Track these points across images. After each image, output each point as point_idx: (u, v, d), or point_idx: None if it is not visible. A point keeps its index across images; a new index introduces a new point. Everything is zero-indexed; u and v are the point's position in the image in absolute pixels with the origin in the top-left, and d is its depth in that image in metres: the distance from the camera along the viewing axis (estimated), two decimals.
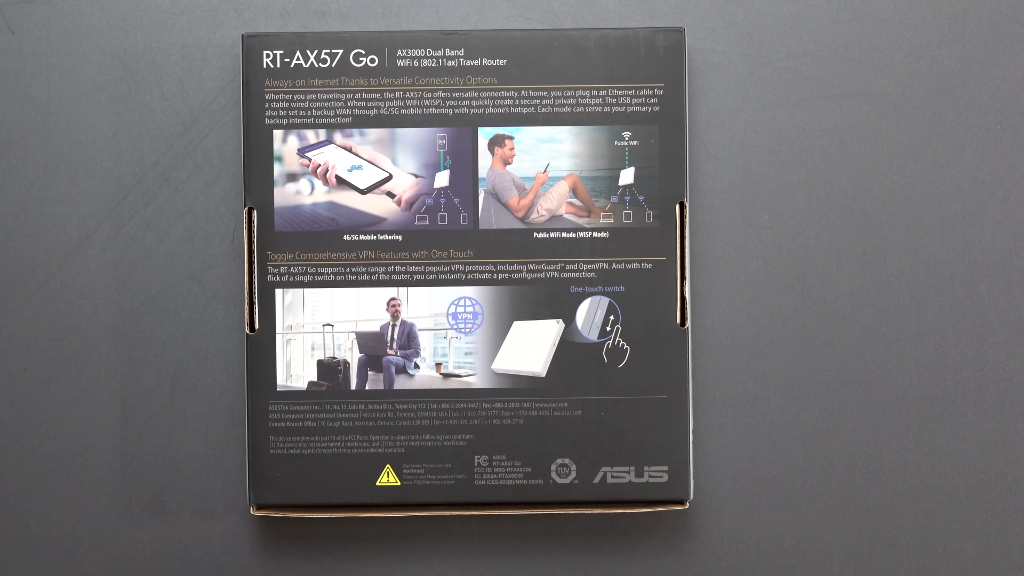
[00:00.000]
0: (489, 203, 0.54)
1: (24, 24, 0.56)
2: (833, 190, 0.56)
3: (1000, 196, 0.56)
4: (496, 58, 0.53)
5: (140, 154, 0.56)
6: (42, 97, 0.56)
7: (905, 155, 0.56)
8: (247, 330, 0.53)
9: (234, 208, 0.56)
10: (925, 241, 0.56)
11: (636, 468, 0.54)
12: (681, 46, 0.54)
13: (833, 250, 0.56)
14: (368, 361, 0.54)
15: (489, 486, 0.53)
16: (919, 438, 0.56)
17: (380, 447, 0.53)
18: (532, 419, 0.54)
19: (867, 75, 0.56)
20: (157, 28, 0.56)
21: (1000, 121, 0.56)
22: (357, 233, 0.53)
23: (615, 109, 0.54)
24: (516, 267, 0.54)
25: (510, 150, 0.54)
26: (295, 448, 0.53)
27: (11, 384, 0.56)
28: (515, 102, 0.53)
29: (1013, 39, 0.56)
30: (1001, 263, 0.56)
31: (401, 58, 0.53)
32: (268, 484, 0.53)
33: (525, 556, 0.56)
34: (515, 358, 0.54)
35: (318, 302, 0.53)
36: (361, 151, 0.54)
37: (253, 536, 0.57)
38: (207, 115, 0.56)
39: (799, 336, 0.56)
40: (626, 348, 0.54)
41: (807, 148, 0.56)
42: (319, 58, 0.53)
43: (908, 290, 0.56)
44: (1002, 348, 0.56)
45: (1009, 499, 0.56)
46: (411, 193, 0.54)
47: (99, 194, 0.56)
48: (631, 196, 0.54)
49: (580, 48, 0.53)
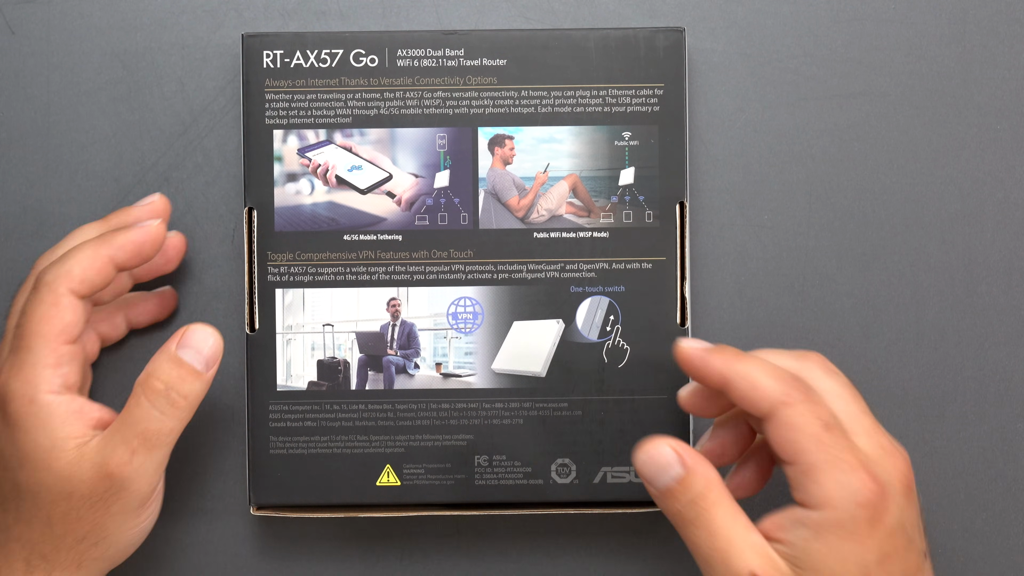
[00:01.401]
0: (489, 203, 0.54)
1: (24, 24, 0.56)
2: (833, 190, 0.56)
3: (1000, 196, 0.56)
4: (496, 58, 0.53)
5: (140, 154, 0.56)
6: (42, 97, 0.56)
7: (905, 155, 0.56)
8: (247, 330, 0.53)
9: (234, 208, 0.56)
10: (925, 241, 0.56)
11: None
12: (681, 46, 0.54)
13: (833, 250, 0.56)
14: (368, 361, 0.54)
15: (489, 486, 0.53)
16: (919, 438, 0.56)
17: (380, 447, 0.53)
18: (532, 419, 0.54)
19: (867, 75, 0.56)
20: (157, 28, 0.56)
21: (1000, 121, 0.56)
22: (357, 233, 0.53)
23: (615, 109, 0.54)
24: (516, 267, 0.54)
25: (510, 150, 0.54)
26: (295, 448, 0.53)
27: None
28: (515, 102, 0.53)
29: (1013, 39, 0.56)
30: (1001, 263, 0.56)
31: (401, 58, 0.53)
32: (268, 484, 0.53)
33: (525, 556, 0.56)
34: (515, 358, 0.54)
35: (318, 302, 0.53)
36: (361, 151, 0.54)
37: (253, 536, 0.57)
38: (207, 115, 0.56)
39: (799, 336, 0.56)
40: (626, 348, 0.54)
41: (807, 148, 0.56)
42: (319, 58, 0.53)
43: (908, 290, 0.56)
44: (1002, 348, 0.56)
45: (1009, 499, 0.56)
46: (411, 193, 0.54)
47: (99, 194, 0.56)
48: (631, 196, 0.54)
49: (580, 48, 0.53)
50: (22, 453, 0.48)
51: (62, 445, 0.48)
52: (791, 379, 0.47)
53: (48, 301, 0.48)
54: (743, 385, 0.47)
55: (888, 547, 0.45)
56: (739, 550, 0.46)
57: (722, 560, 0.46)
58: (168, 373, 0.49)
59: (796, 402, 0.46)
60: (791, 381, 0.47)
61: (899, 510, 0.46)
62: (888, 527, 0.45)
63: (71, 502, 0.48)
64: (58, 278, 0.48)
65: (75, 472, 0.48)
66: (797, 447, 0.46)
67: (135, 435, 0.48)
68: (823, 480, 0.45)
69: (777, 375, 0.47)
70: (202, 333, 0.49)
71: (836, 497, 0.45)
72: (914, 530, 0.47)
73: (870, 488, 0.45)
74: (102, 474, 0.48)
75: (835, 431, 0.46)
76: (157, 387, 0.48)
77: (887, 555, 0.45)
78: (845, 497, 0.45)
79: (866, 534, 0.45)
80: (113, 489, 0.48)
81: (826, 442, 0.45)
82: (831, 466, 0.45)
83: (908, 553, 0.46)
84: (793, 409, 0.46)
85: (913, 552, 0.46)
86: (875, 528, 0.45)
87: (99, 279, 0.49)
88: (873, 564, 0.45)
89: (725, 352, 0.48)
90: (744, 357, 0.48)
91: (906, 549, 0.46)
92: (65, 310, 0.48)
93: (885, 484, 0.45)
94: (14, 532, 0.48)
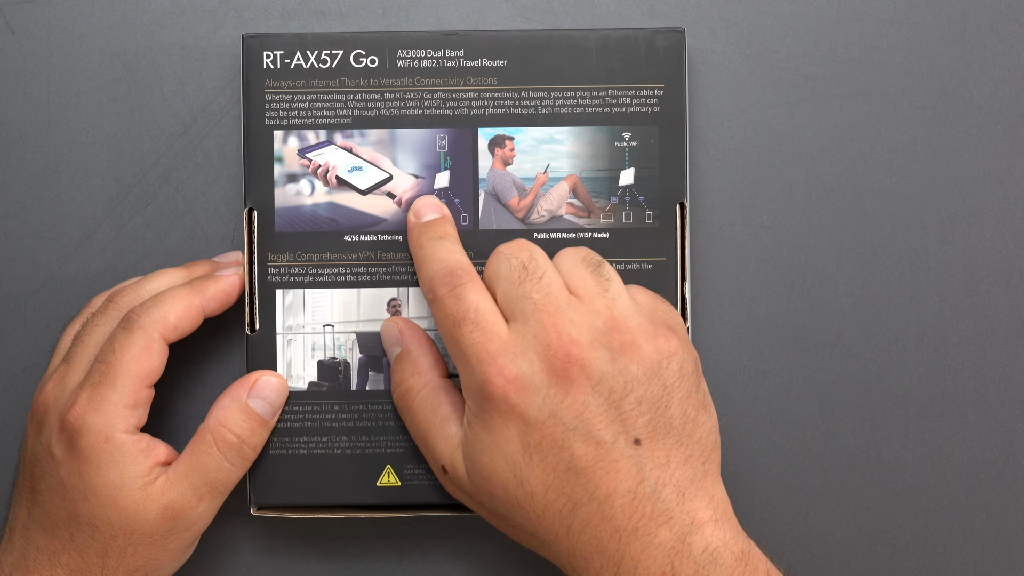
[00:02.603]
0: (489, 204, 0.54)
1: (24, 24, 0.56)
2: (833, 190, 0.56)
3: (1000, 196, 0.56)
4: (496, 58, 0.53)
5: (140, 154, 0.56)
6: (42, 97, 0.56)
7: (905, 155, 0.56)
8: (247, 330, 0.53)
9: (234, 208, 0.56)
10: (925, 241, 0.56)
11: None
12: (681, 46, 0.54)
13: (833, 250, 0.56)
14: (368, 361, 0.54)
15: None
16: (919, 438, 0.56)
17: (381, 447, 0.53)
18: None
19: (867, 75, 0.56)
20: (157, 28, 0.56)
21: (1000, 121, 0.56)
22: (357, 234, 0.53)
23: (615, 109, 0.54)
24: None
25: (510, 151, 0.54)
26: (296, 448, 0.53)
27: (11, 384, 0.56)
28: (515, 103, 0.53)
29: (1013, 39, 0.56)
30: (1001, 263, 0.56)
31: (401, 59, 0.53)
32: (268, 484, 0.53)
33: (525, 556, 0.56)
34: None
35: (319, 303, 0.53)
36: (361, 152, 0.54)
37: (253, 536, 0.57)
38: (207, 115, 0.56)
39: (799, 336, 0.56)
40: None
41: (807, 148, 0.56)
42: (319, 58, 0.53)
43: (908, 290, 0.56)
44: (1002, 348, 0.56)
45: (1009, 499, 0.56)
46: (411, 194, 0.54)
47: (99, 194, 0.56)
48: (631, 196, 0.54)
49: (580, 48, 0.53)
50: (89, 487, 0.48)
51: (131, 484, 0.49)
52: (445, 271, 0.48)
53: (141, 344, 0.49)
54: (419, 270, 0.49)
55: (533, 438, 0.45)
56: (434, 442, 0.49)
57: (425, 451, 0.50)
58: (240, 426, 0.51)
59: (436, 299, 0.48)
60: (443, 274, 0.48)
61: (543, 400, 0.45)
62: (527, 418, 0.45)
63: (131, 538, 0.49)
64: (154, 323, 0.50)
65: (140, 511, 0.49)
66: (445, 344, 0.48)
67: (204, 483, 0.50)
68: (461, 375, 0.47)
69: (435, 267, 0.48)
70: (273, 383, 0.52)
71: (469, 391, 0.46)
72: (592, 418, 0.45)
73: (494, 383, 0.45)
74: (167, 515, 0.49)
75: (467, 326, 0.46)
76: (230, 440, 0.50)
77: (533, 447, 0.45)
78: (474, 391, 0.46)
79: (502, 425, 0.45)
80: (176, 530, 0.49)
81: (456, 338, 0.46)
82: (462, 362, 0.46)
83: (570, 442, 0.45)
84: (434, 306, 0.48)
85: (580, 441, 0.45)
86: (509, 419, 0.45)
87: (189, 327, 0.51)
88: (519, 455, 0.45)
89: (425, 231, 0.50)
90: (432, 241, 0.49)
91: (564, 439, 0.45)
92: (155, 355, 0.50)
93: (516, 376, 0.45)
94: (62, 559, 0.49)
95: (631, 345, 0.46)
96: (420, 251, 0.49)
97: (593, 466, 0.45)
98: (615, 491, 0.45)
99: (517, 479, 0.45)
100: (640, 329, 0.47)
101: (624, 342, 0.46)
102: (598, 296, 0.47)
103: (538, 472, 0.45)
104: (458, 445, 0.48)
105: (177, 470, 0.50)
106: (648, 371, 0.46)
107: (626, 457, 0.45)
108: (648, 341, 0.46)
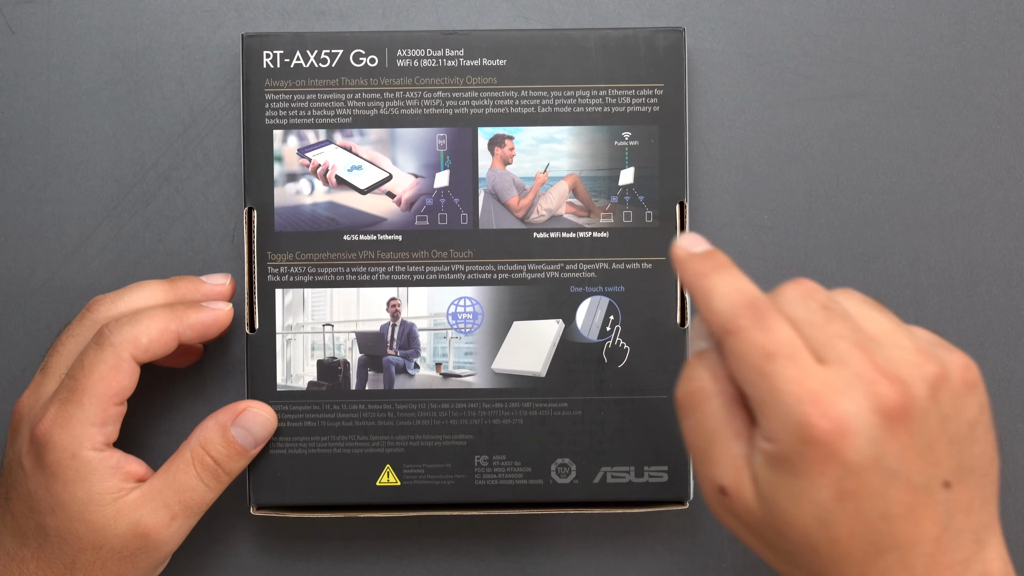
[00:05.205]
0: (489, 203, 0.54)
1: (24, 24, 0.56)
2: (833, 190, 0.56)
3: (1000, 196, 0.56)
4: (496, 58, 0.53)
5: (140, 154, 0.56)
6: (42, 97, 0.56)
7: (905, 155, 0.56)
8: (247, 330, 0.53)
9: (234, 208, 0.56)
10: (925, 241, 0.56)
11: (636, 468, 0.54)
12: (681, 46, 0.54)
13: (833, 250, 0.56)
14: (368, 361, 0.54)
15: (489, 486, 0.53)
16: None
17: (380, 447, 0.53)
18: (532, 419, 0.54)
19: (867, 75, 0.56)
20: (157, 28, 0.56)
21: (1000, 121, 0.56)
22: (357, 233, 0.53)
23: (615, 109, 0.54)
24: (516, 267, 0.54)
25: (510, 150, 0.54)
26: (295, 448, 0.53)
27: (11, 384, 0.56)
28: (515, 102, 0.53)
29: (1013, 39, 0.56)
30: (1001, 263, 0.56)
31: (401, 58, 0.53)
32: (268, 484, 0.53)
33: (525, 556, 0.56)
34: (515, 358, 0.54)
35: (318, 302, 0.53)
36: (361, 151, 0.54)
37: (253, 536, 0.57)
38: (207, 115, 0.56)
39: None
40: (626, 348, 0.54)
41: (807, 148, 0.56)
42: (319, 58, 0.53)
43: (908, 290, 0.56)
44: (1002, 348, 0.56)
45: (1009, 499, 0.56)
46: (411, 193, 0.54)
47: (99, 194, 0.56)
48: (631, 196, 0.54)
49: (580, 48, 0.53)
50: (56, 501, 0.48)
51: (99, 500, 0.48)
52: (746, 303, 0.42)
53: (110, 363, 0.49)
54: (700, 305, 0.43)
55: (850, 485, 0.40)
56: (717, 457, 0.43)
57: (701, 462, 0.43)
58: (219, 451, 0.51)
59: (739, 330, 0.42)
60: (743, 305, 0.42)
61: (868, 444, 0.40)
62: (849, 463, 0.40)
63: (99, 552, 0.49)
64: (126, 342, 0.49)
65: (109, 526, 0.49)
66: (741, 378, 0.42)
67: (178, 501, 0.50)
68: (767, 414, 0.41)
69: (732, 298, 0.42)
70: (260, 417, 0.52)
71: (778, 433, 0.41)
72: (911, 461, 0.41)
73: (817, 425, 0.40)
74: (137, 532, 0.49)
75: (781, 361, 0.41)
76: (207, 463, 0.50)
77: (849, 493, 0.40)
78: (787, 433, 0.41)
79: (817, 471, 0.40)
80: (146, 548, 0.49)
81: (768, 374, 0.41)
82: (773, 400, 0.41)
83: (888, 488, 0.40)
84: (735, 338, 0.42)
85: (898, 487, 0.41)
86: (827, 465, 0.40)
87: (162, 351, 0.50)
88: (831, 502, 0.41)
89: (703, 262, 0.44)
90: (716, 271, 0.43)
91: (884, 485, 0.40)
92: (124, 375, 0.49)
93: (843, 418, 0.40)
94: (30, 567, 0.49)
95: (943, 378, 0.42)
96: (704, 280, 0.43)
97: (907, 513, 0.41)
98: (921, 539, 0.41)
99: (821, 524, 0.41)
100: (947, 359, 0.43)
101: (936, 375, 0.42)
102: (894, 330, 0.43)
103: (848, 519, 0.41)
104: (744, 468, 0.42)
105: (152, 486, 0.50)
106: (957, 405, 0.42)
107: (936, 502, 0.41)
108: (956, 371, 0.43)
